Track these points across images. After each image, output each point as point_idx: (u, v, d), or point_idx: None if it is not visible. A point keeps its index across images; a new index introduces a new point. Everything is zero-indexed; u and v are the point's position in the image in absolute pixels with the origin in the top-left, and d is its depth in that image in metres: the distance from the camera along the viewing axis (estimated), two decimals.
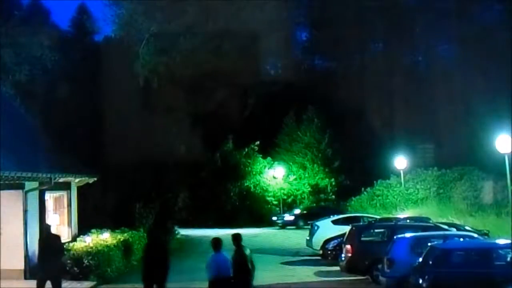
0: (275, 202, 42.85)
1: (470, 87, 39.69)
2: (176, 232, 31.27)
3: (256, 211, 41.74)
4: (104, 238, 21.18)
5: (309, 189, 43.21)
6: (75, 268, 18.14)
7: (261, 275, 20.07)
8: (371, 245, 18.65)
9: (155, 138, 33.82)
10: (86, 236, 21.05)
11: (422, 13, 45.43)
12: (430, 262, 13.66)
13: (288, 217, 39.14)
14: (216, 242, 12.77)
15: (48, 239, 14.73)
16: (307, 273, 20.40)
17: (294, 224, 38.18)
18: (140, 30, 40.88)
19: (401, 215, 29.63)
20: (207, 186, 40.99)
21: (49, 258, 14.17)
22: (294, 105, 43.89)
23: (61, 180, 20.39)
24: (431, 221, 21.40)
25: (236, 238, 12.90)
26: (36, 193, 19.13)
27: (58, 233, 16.78)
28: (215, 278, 12.35)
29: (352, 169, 41.29)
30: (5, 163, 15.92)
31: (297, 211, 40.12)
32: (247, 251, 12.93)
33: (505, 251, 14.00)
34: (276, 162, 43.64)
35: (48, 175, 18.82)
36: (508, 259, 13.69)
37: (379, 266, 16.62)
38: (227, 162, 42.74)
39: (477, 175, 33.91)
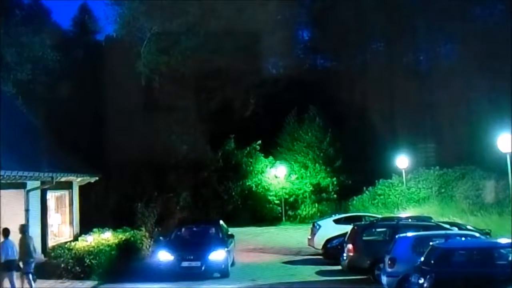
0: (276, 202, 42.76)
1: (471, 86, 39.61)
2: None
3: (258, 210, 41.71)
4: (106, 237, 21.23)
5: (310, 188, 43.10)
6: (77, 268, 18.18)
7: (262, 275, 20.21)
8: (373, 244, 18.65)
9: (156, 137, 33.86)
10: (87, 235, 21.13)
11: (423, 13, 45.32)
12: (432, 262, 13.66)
13: None
14: (5, 230, 15.60)
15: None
16: (308, 273, 20.41)
17: None
18: (142, 29, 40.91)
19: (403, 214, 29.54)
20: (209, 185, 40.91)
21: None
22: (296, 104, 43.75)
23: (63, 179, 20.43)
24: (432, 221, 21.35)
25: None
26: (38, 192, 19.16)
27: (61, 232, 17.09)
28: (5, 259, 15.13)
29: (354, 169, 41.13)
30: (6, 162, 15.92)
31: None
32: (30, 239, 16.17)
33: (506, 250, 13.99)
34: (277, 162, 43.53)
35: (50, 175, 18.84)
36: (510, 258, 13.68)
37: (381, 265, 16.62)
38: (229, 161, 42.64)
39: (479, 174, 33.83)
